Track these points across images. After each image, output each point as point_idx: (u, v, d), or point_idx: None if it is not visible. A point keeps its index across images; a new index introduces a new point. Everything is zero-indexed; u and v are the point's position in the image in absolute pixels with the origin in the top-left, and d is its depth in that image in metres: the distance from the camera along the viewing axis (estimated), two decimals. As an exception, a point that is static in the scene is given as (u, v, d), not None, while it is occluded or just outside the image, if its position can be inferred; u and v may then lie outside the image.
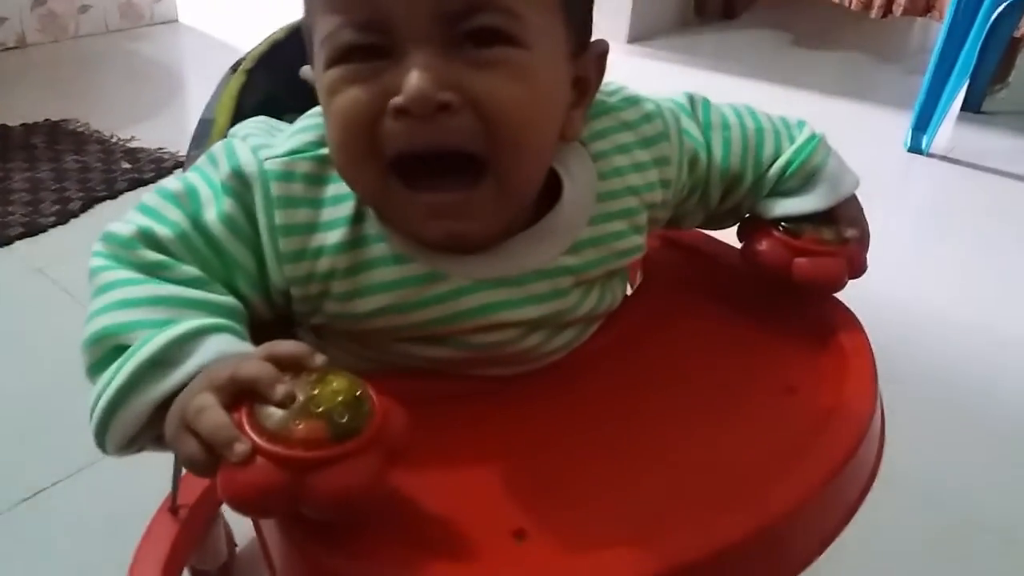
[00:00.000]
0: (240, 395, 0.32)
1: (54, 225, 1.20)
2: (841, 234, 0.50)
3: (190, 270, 0.39)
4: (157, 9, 1.98)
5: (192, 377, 0.34)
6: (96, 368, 0.36)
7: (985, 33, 1.48)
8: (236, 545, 0.72)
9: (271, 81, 0.54)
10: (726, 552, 0.34)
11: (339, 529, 0.33)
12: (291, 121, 0.50)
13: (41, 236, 1.18)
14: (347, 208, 0.41)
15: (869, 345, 0.47)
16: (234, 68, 0.54)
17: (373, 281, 0.41)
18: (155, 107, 1.61)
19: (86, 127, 1.49)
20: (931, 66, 1.54)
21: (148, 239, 0.39)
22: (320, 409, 0.31)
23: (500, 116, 0.37)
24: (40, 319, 1.02)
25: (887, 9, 1.93)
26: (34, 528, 0.75)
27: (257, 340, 0.38)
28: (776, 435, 0.42)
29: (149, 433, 0.36)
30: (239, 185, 0.40)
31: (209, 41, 1.95)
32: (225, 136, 0.50)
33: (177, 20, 2.02)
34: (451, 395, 0.43)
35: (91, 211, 1.24)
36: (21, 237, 1.16)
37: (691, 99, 0.51)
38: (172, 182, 0.41)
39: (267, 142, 0.42)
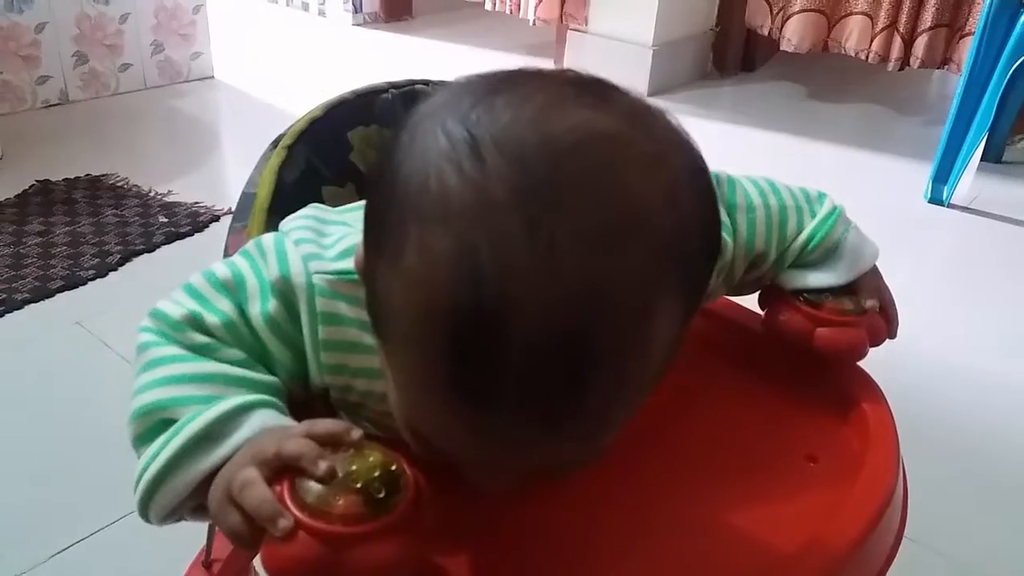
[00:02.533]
0: (281, 469, 0.33)
1: (93, 278, 1.23)
2: (861, 304, 0.51)
3: (235, 353, 0.40)
4: (194, 66, 2.06)
5: (236, 450, 0.36)
6: (142, 440, 0.38)
7: (1004, 84, 1.49)
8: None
9: (309, 156, 0.57)
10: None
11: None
12: (329, 198, 0.52)
13: (80, 289, 1.21)
14: None
15: (891, 415, 0.48)
16: (274, 144, 0.57)
17: None
18: (192, 162, 1.66)
19: (125, 182, 1.54)
20: (950, 117, 1.55)
21: (196, 324, 0.40)
22: (358, 484, 0.32)
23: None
24: (77, 371, 1.04)
25: (904, 61, 1.95)
26: (68, 582, 0.76)
27: (298, 412, 0.40)
28: (798, 505, 0.43)
29: (190, 504, 0.37)
30: (287, 290, 0.41)
31: (244, 97, 2.02)
32: (268, 210, 0.53)
33: (213, 77, 2.09)
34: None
35: (129, 264, 1.28)
36: (61, 290, 1.20)
37: (716, 179, 0.51)
38: (220, 268, 0.42)
39: (318, 250, 0.42)
